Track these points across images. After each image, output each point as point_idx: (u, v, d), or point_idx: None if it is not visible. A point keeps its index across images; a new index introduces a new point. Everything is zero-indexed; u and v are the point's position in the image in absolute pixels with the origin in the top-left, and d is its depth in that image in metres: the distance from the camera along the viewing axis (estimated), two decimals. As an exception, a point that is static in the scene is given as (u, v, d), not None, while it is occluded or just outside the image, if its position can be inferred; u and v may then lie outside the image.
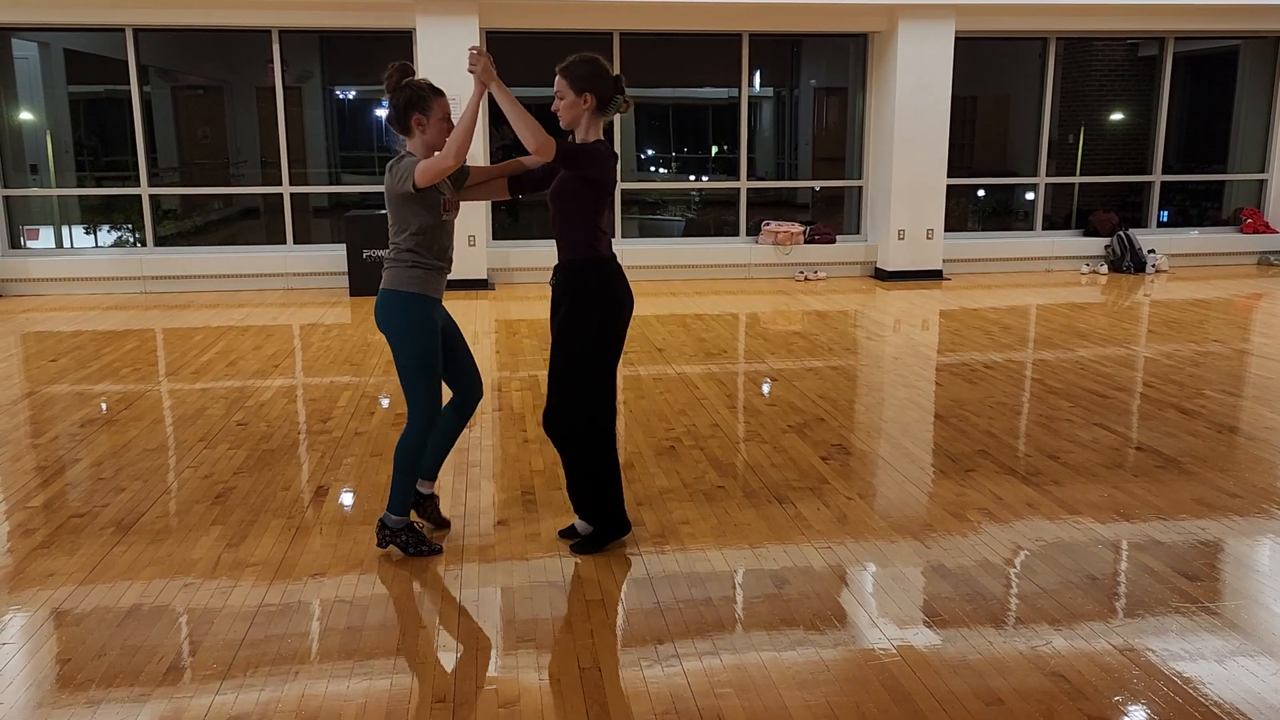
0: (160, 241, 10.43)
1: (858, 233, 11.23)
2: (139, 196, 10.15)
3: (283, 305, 9.30)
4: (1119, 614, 3.32)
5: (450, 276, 3.90)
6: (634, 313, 3.82)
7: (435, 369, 3.71)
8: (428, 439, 3.76)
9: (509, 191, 3.93)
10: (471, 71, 3.52)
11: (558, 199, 3.66)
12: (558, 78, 3.64)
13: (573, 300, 3.65)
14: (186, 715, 2.76)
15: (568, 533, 3.95)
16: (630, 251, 10.60)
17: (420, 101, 3.67)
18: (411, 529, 3.80)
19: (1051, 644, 3.12)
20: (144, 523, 4.14)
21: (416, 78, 3.72)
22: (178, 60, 11.57)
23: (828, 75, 12.67)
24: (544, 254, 10.52)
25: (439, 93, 3.72)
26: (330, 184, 11.74)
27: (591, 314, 3.63)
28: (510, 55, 10.57)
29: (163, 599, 3.45)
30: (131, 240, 10.75)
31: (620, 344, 3.72)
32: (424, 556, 3.77)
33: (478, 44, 3.41)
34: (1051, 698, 2.82)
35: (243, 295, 9.83)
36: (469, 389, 3.93)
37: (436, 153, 3.61)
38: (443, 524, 4.04)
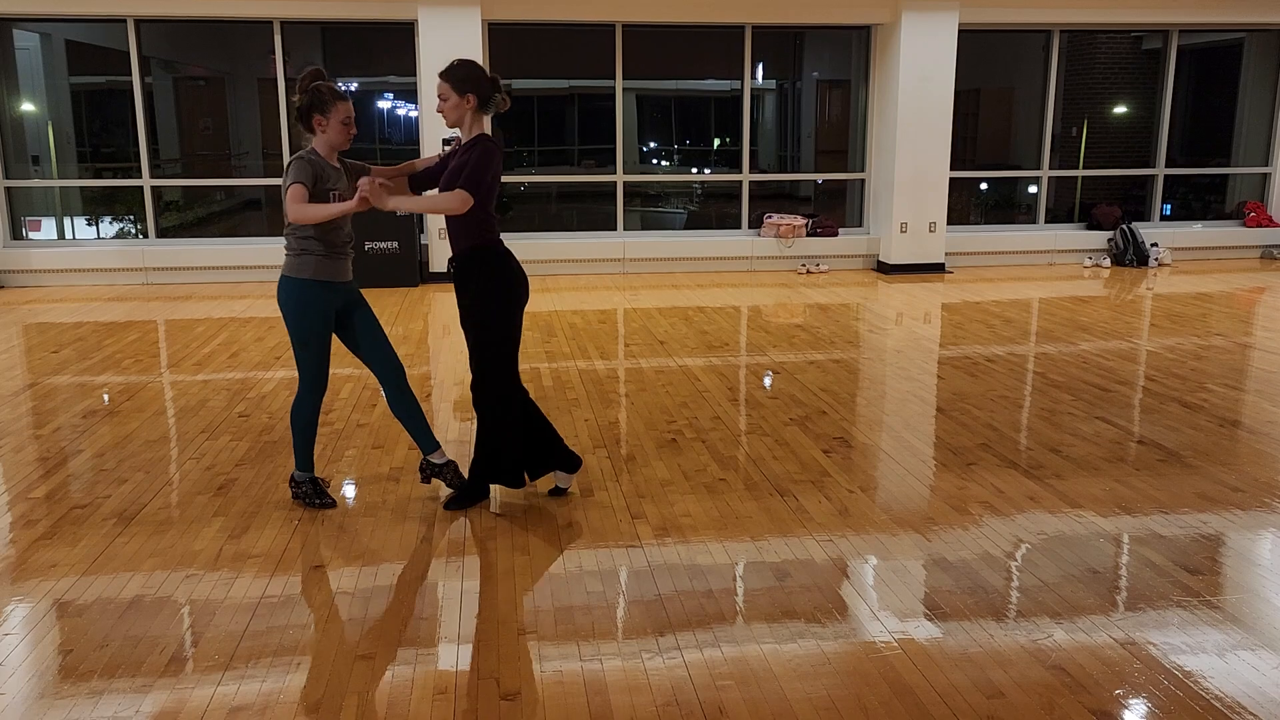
0: (162, 233, 10.43)
1: (860, 225, 11.22)
2: (141, 188, 10.15)
3: (284, 297, 9.28)
4: (1120, 607, 3.32)
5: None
6: (635, 305, 3.89)
7: (316, 346, 4.08)
8: (317, 403, 4.15)
9: (410, 190, 4.32)
10: (364, 198, 3.89)
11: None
12: (439, 82, 3.99)
13: (474, 288, 4.05)
14: (189, 706, 2.76)
15: (556, 492, 4.34)
16: (632, 244, 10.62)
17: (321, 104, 3.95)
18: (313, 483, 4.22)
19: (1052, 637, 3.12)
20: (146, 514, 4.15)
21: (324, 82, 3.99)
22: (179, 51, 11.55)
23: (830, 68, 12.64)
24: (546, 246, 10.52)
25: (342, 97, 4.00)
26: (332, 176, 11.71)
27: (491, 299, 4.03)
28: (512, 47, 10.57)
29: (165, 590, 3.46)
30: (133, 231, 10.75)
31: (519, 324, 4.13)
32: (317, 509, 4.17)
33: (369, 183, 3.81)
34: (1052, 690, 2.82)
35: (245, 286, 9.84)
36: (384, 367, 4.22)
37: (301, 204, 3.89)
38: (458, 485, 4.28)
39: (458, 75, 3.97)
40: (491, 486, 4.35)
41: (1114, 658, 3.00)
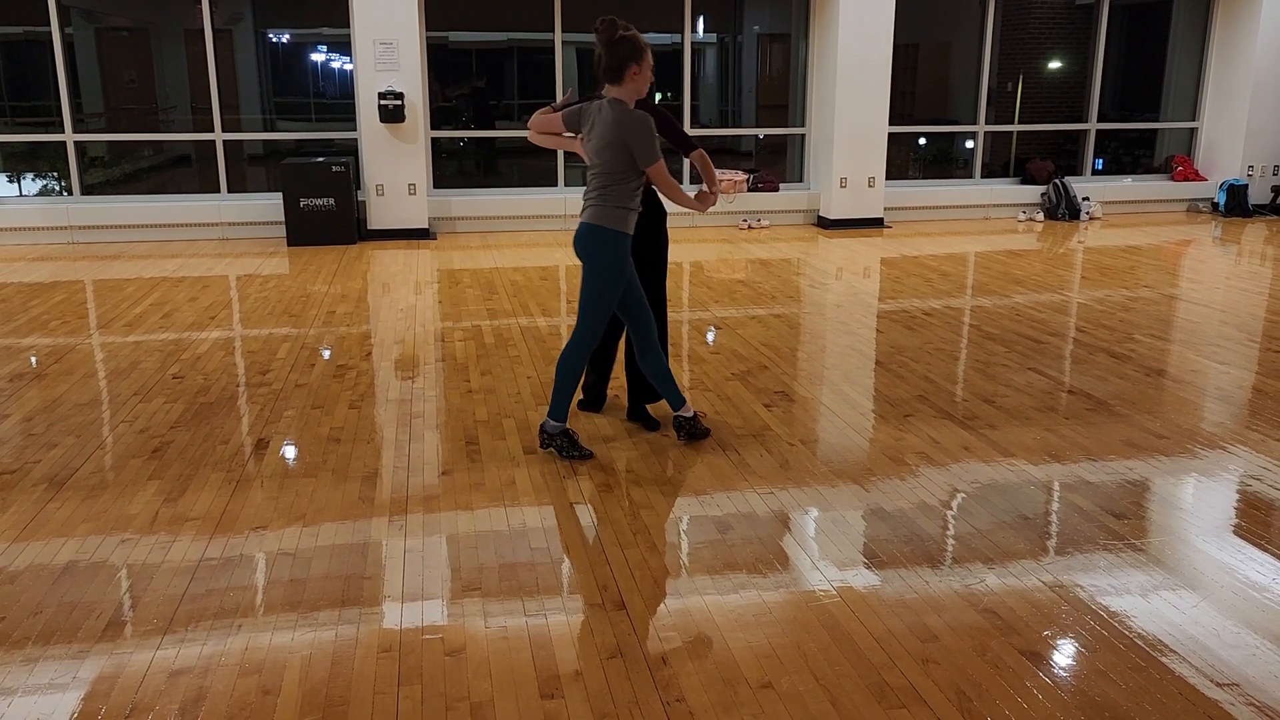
0: (87, 190, 10.11)
1: (801, 181, 11.26)
2: (64, 143, 9.81)
3: (218, 256, 9.09)
4: (1050, 552, 3.42)
5: (389, 226, 4.06)
6: (576, 262, 3.95)
7: (616, 299, 4.13)
8: (590, 355, 4.26)
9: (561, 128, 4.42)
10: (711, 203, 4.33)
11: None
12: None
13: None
14: (127, 671, 2.73)
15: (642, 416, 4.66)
16: (573, 200, 10.54)
17: (638, 53, 3.99)
18: (567, 434, 4.27)
19: (985, 582, 3.21)
20: (78, 478, 4.07)
21: (630, 30, 4.02)
22: (100, 0, 11.12)
23: (771, 21, 12.59)
24: (486, 203, 10.41)
25: (647, 47, 4.06)
26: (265, 131, 11.44)
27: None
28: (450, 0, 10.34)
29: (99, 555, 3.40)
30: (57, 189, 10.39)
31: None
32: (575, 460, 4.23)
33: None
34: (984, 633, 2.91)
35: (175, 245, 9.59)
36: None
37: (668, 175, 4.04)
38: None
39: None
40: (436, 439, 4.33)
41: (1043, 600, 3.10)
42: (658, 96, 13.36)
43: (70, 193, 10.00)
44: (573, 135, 4.28)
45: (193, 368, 5.60)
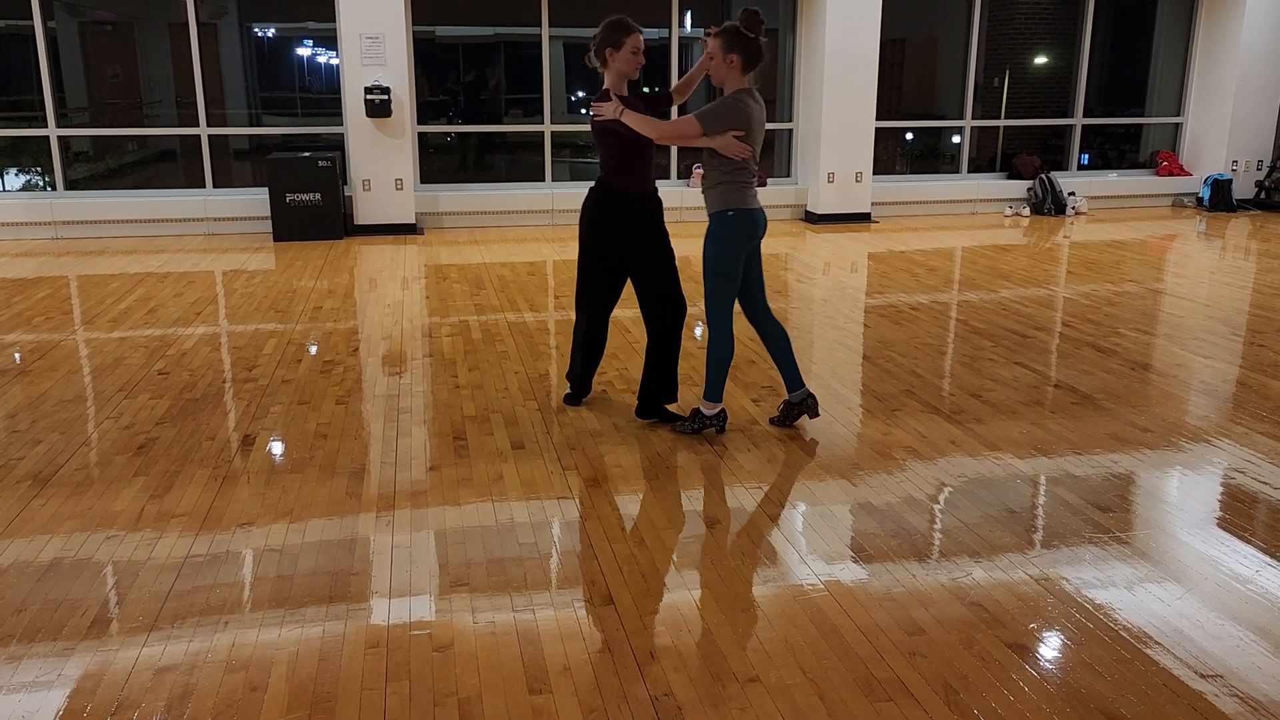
0: (71, 185, 10.04)
1: (788, 176, 11.27)
2: (47, 138, 9.73)
3: (204, 251, 9.04)
4: (1036, 545, 3.44)
5: (376, 221, 4.03)
6: (564, 257, 3.90)
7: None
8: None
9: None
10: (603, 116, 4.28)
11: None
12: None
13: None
14: (113, 668, 2.72)
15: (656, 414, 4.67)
16: (560, 195, 10.52)
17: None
18: (723, 414, 4.48)
19: (971, 575, 3.23)
20: (63, 475, 4.04)
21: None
22: (83, -6, 11.04)
23: (758, 16, 12.55)
24: (474, 198, 10.38)
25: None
26: (251, 125, 11.38)
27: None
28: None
29: (85, 552, 3.39)
30: (41, 184, 10.32)
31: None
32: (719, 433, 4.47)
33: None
34: (971, 626, 2.92)
35: (161, 241, 9.54)
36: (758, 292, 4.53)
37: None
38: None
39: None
40: (423, 434, 4.32)
41: (1029, 593, 3.11)
42: (645, 90, 13.35)
43: (54, 188, 9.92)
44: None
45: (178, 363, 5.57)
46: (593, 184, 4.54)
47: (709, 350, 4.39)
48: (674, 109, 4.47)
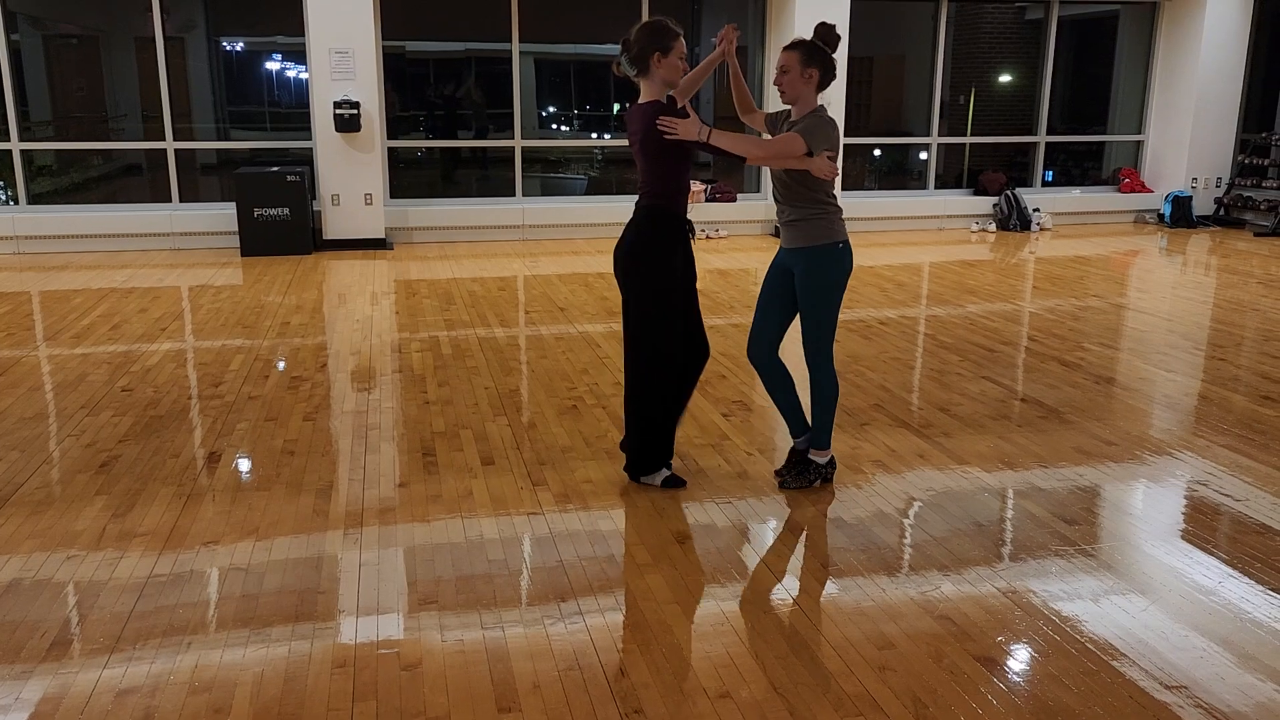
0: (35, 199, 9.91)
1: (758, 191, 11.33)
2: (9, 151, 9.61)
3: (170, 266, 8.95)
4: (1003, 558, 3.47)
5: (345, 236, 3.92)
6: (535, 272, 3.85)
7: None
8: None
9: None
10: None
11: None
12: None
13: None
14: (73, 691, 2.67)
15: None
16: (531, 210, 10.52)
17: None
18: (832, 462, 4.13)
19: (940, 589, 3.24)
20: (23, 494, 3.97)
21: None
22: (48, 7, 10.92)
23: (727, 33, 12.64)
24: (444, 213, 10.35)
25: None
26: (219, 139, 11.30)
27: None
28: (407, 8, 10.30)
29: (44, 572, 3.33)
30: (3, 198, 10.18)
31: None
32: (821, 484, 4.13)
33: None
34: (940, 640, 2.94)
35: (126, 256, 9.43)
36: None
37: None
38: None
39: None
40: (392, 450, 4.29)
41: (997, 606, 3.13)
42: (615, 108, 13.40)
43: (16, 202, 9.79)
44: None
45: (142, 380, 5.50)
46: (639, 211, 3.93)
47: (818, 394, 3.98)
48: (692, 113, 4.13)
